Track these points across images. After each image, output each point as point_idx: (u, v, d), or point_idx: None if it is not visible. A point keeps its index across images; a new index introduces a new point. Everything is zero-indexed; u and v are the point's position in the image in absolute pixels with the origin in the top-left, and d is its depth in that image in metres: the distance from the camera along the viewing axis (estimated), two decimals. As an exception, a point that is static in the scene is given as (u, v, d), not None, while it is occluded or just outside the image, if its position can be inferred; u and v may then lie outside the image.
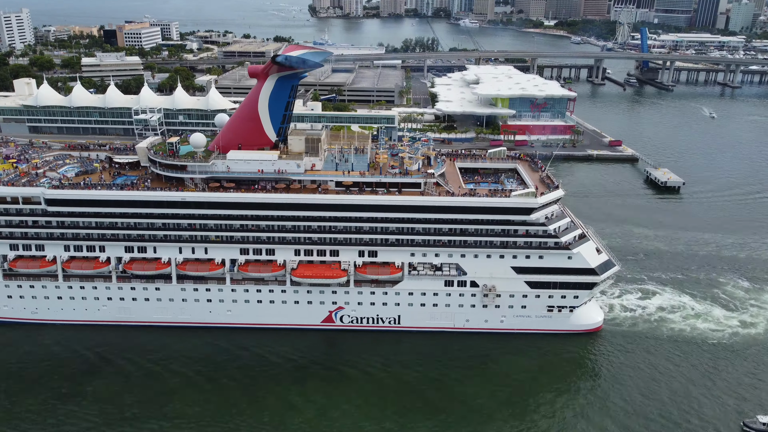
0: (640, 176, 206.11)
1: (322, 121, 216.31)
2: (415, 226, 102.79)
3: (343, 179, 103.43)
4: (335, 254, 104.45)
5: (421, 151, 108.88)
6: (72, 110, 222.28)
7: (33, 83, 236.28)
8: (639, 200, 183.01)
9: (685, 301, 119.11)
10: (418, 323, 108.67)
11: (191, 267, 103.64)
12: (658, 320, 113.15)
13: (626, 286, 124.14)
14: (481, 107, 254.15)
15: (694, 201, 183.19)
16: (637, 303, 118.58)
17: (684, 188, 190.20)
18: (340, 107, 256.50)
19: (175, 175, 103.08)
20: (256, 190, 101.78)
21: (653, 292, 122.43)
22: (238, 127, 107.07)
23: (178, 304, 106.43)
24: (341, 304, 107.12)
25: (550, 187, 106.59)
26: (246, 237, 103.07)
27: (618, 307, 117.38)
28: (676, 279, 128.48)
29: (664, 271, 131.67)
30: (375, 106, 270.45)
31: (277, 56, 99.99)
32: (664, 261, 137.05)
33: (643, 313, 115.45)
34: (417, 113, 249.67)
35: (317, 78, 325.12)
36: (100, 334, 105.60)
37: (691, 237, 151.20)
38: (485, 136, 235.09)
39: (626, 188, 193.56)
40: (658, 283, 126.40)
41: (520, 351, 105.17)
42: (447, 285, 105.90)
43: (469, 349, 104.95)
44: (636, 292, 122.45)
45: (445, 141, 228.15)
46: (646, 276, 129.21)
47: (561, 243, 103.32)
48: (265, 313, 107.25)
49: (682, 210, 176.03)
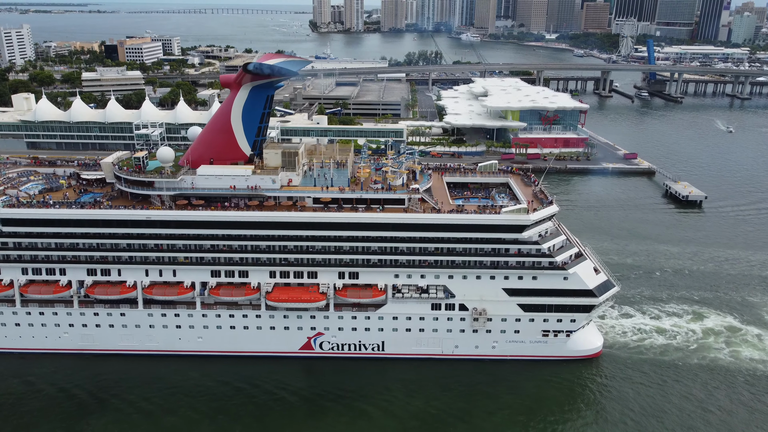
0: (658, 190, 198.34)
1: (329, 135, 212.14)
2: (399, 245, 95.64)
3: (321, 195, 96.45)
4: (313, 276, 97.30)
5: (405, 165, 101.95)
6: (71, 125, 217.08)
7: (32, 98, 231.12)
8: (661, 215, 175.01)
9: (713, 324, 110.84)
10: (403, 350, 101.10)
11: (158, 291, 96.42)
12: (676, 346, 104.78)
13: (644, 306, 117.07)
14: (490, 120, 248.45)
15: (719, 215, 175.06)
16: (650, 325, 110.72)
17: (706, 202, 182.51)
18: (345, 121, 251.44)
19: (142, 192, 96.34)
20: (228, 207, 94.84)
21: (673, 312, 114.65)
22: (209, 140, 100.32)
23: (144, 331, 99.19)
24: (320, 329, 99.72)
25: (544, 202, 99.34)
26: (217, 258, 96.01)
27: (629, 329, 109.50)
28: (705, 299, 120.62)
29: (689, 290, 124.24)
30: (381, 119, 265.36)
31: (249, 64, 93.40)
32: (691, 279, 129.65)
33: (661, 337, 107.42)
34: (425, 126, 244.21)
35: (321, 91, 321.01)
36: (61, 364, 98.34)
37: (718, 253, 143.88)
38: (496, 150, 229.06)
39: (646, 202, 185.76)
40: (681, 302, 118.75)
41: (513, 379, 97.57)
42: (434, 308, 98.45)
43: (459, 377, 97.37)
44: (650, 313, 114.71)
45: (455, 155, 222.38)
46: (669, 294, 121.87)
47: (556, 263, 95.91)
48: (238, 340, 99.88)
49: (707, 225, 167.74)
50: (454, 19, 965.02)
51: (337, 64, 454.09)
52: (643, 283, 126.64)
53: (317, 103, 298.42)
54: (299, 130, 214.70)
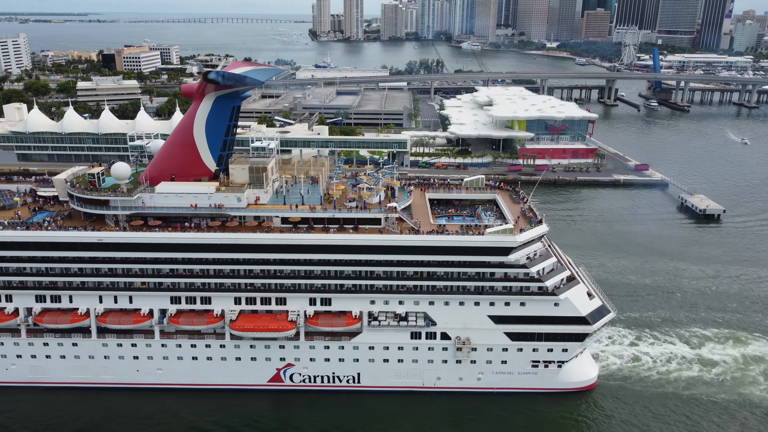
0: (672, 202, 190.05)
1: (330, 146, 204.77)
2: (375, 269, 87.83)
3: (289, 215, 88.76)
4: (282, 302, 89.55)
5: (382, 182, 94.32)
6: (63, 136, 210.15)
7: (24, 108, 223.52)
8: (678, 230, 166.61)
9: (739, 352, 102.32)
10: (381, 382, 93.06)
11: (113, 319, 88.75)
12: (690, 378, 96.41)
13: (660, 330, 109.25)
14: (496, 130, 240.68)
15: (739, 230, 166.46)
16: (664, 352, 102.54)
17: (725, 216, 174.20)
18: (347, 131, 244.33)
19: (96, 212, 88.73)
20: (188, 228, 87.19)
21: (693, 338, 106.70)
22: (171, 154, 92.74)
23: (99, 362, 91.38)
24: (291, 360, 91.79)
25: (533, 221, 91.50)
26: (177, 283, 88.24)
27: (635, 357, 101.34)
28: (729, 321, 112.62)
29: (711, 311, 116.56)
30: (383, 129, 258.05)
31: (209, 72, 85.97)
32: (714, 300, 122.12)
33: (675, 366, 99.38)
34: (429, 137, 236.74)
35: (322, 101, 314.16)
36: (7, 399, 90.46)
37: (742, 272, 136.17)
38: (503, 161, 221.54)
39: (662, 216, 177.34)
40: (704, 326, 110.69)
41: (500, 413, 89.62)
42: (413, 337, 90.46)
43: (442, 412, 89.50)
44: (667, 339, 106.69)
45: (460, 166, 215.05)
46: (689, 317, 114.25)
47: (545, 288, 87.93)
48: (201, 372, 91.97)
49: (728, 240, 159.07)
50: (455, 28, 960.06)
51: (338, 72, 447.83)
52: (661, 305, 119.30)
53: (318, 112, 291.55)
54: (299, 141, 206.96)
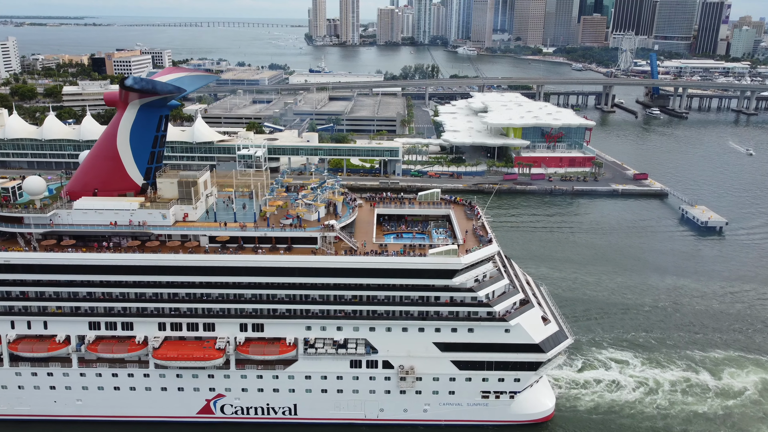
0: (673, 214, 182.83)
1: (319, 153, 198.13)
2: (311, 292, 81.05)
3: (217, 233, 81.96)
4: (210, 328, 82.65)
5: (321, 198, 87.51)
6: (43, 143, 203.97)
7: (5, 113, 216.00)
8: (678, 243, 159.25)
9: (742, 382, 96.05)
10: (319, 413, 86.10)
11: (26, 346, 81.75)
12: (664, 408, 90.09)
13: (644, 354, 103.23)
14: (491, 138, 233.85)
15: (742, 244, 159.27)
16: (634, 380, 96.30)
17: (727, 229, 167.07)
18: (338, 138, 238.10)
19: (8, 230, 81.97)
20: (105, 248, 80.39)
21: (685, 362, 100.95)
22: (94, 167, 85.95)
23: (12, 392, 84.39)
24: (221, 391, 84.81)
25: (482, 240, 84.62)
26: (95, 308, 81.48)
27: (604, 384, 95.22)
28: (735, 342, 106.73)
29: (714, 333, 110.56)
30: (375, 136, 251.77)
31: (125, 79, 79.31)
32: (717, 321, 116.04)
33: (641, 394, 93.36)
34: (422, 144, 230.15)
35: (313, 106, 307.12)
36: None
37: (746, 289, 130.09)
38: (498, 169, 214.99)
39: (661, 229, 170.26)
40: (705, 348, 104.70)
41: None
42: (353, 366, 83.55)
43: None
44: (653, 364, 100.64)
45: (453, 175, 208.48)
46: (688, 338, 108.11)
47: (495, 313, 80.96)
48: (124, 403, 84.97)
49: (730, 254, 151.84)
50: (451, 33, 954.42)
51: (331, 77, 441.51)
52: (656, 325, 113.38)
53: (309, 118, 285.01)
54: (287, 149, 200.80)
